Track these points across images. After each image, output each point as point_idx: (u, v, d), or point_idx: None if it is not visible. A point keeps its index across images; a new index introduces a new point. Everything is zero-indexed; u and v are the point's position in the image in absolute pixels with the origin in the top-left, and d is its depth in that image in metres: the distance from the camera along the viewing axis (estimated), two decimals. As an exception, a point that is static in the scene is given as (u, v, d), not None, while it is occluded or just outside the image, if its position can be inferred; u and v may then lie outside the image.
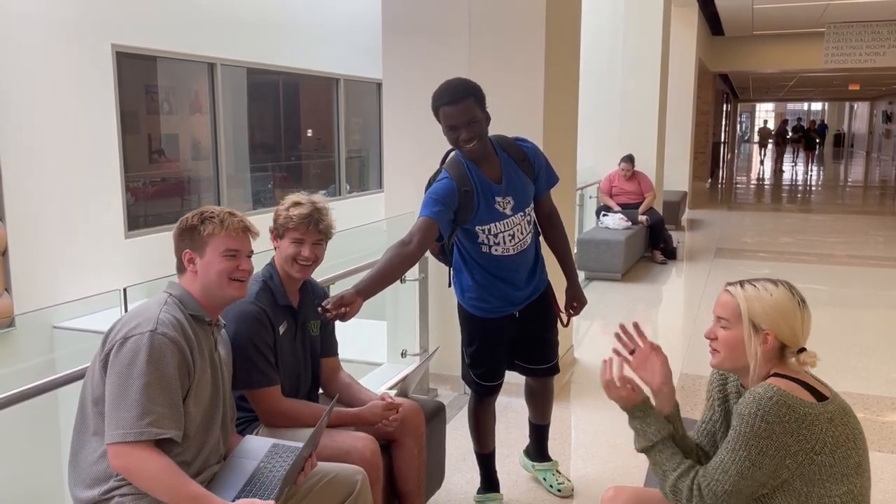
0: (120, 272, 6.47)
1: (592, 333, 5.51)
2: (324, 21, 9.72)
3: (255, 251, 2.03)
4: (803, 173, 18.78)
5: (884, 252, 8.82)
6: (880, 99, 30.43)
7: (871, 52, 13.23)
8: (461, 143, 2.49)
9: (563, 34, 4.16)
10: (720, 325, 1.74)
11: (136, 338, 1.75)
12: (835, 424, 1.61)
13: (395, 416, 2.35)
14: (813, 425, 1.59)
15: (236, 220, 1.93)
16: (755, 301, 1.69)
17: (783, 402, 1.58)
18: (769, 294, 1.69)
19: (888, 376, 4.47)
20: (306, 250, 2.24)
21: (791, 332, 1.69)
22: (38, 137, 5.97)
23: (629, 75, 8.96)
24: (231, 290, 1.92)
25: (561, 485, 3.06)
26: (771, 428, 1.57)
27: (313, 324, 2.42)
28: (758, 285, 1.71)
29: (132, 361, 1.73)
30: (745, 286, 1.73)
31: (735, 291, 1.73)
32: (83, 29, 6.35)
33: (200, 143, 8.14)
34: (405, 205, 4.07)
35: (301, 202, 2.25)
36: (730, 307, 1.72)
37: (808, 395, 1.63)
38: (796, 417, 1.58)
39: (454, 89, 2.48)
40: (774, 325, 1.68)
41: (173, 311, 1.85)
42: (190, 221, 1.93)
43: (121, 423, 1.71)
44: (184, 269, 1.94)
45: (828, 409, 1.62)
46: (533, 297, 2.80)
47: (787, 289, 1.72)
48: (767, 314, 1.68)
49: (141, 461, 1.71)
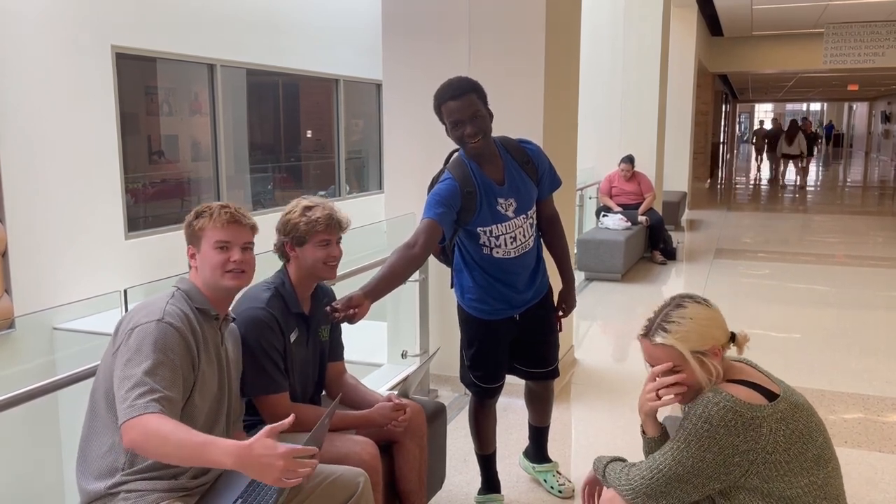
0: (120, 273, 6.47)
1: (592, 334, 5.51)
2: (323, 22, 9.73)
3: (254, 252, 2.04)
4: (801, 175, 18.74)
5: (883, 252, 8.82)
6: (879, 99, 30.44)
7: (870, 53, 13.23)
8: (466, 138, 2.48)
9: (564, 35, 4.16)
10: (669, 373, 1.74)
11: (143, 326, 1.78)
12: (785, 423, 1.64)
13: (403, 416, 2.35)
14: (762, 426, 1.61)
15: (225, 212, 1.95)
16: (687, 335, 1.72)
17: (730, 408, 1.62)
18: (688, 319, 1.72)
19: (888, 377, 4.47)
20: (336, 250, 2.26)
21: (722, 331, 1.76)
22: (38, 139, 5.97)
23: (629, 76, 8.96)
24: (227, 280, 1.94)
25: (562, 486, 3.06)
26: (714, 430, 1.61)
27: (323, 329, 2.42)
28: (673, 314, 1.74)
29: (139, 347, 1.76)
30: (666, 329, 1.73)
31: (658, 337, 1.74)
32: (83, 30, 6.35)
33: (200, 145, 8.13)
34: (405, 206, 4.07)
35: (312, 205, 2.24)
36: (667, 354, 1.74)
37: (759, 397, 1.66)
38: (744, 421, 1.61)
39: (456, 85, 2.48)
40: (713, 339, 1.73)
41: (180, 304, 1.88)
42: (189, 218, 1.99)
43: (127, 400, 1.70)
44: (190, 266, 2.00)
45: (778, 408, 1.65)
46: (534, 300, 2.78)
47: (688, 300, 1.76)
48: (702, 335, 1.72)
49: (152, 427, 1.65)
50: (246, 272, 1.97)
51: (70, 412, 3.42)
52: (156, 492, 1.79)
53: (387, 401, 2.39)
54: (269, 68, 8.99)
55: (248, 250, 1.98)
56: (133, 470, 1.80)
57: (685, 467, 1.65)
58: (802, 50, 14.80)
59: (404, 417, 2.36)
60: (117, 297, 3.07)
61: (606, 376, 4.53)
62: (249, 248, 1.98)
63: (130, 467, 1.80)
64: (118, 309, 3.06)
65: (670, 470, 1.67)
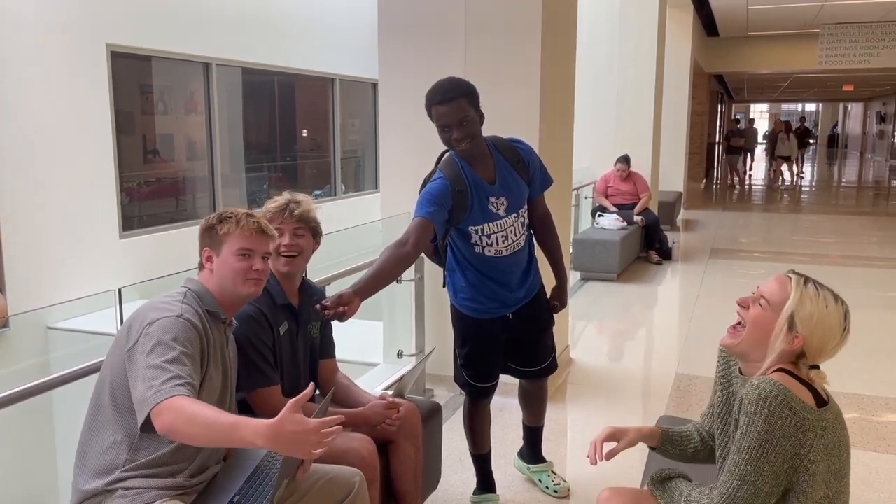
0: (114, 273, 6.45)
1: (588, 334, 5.52)
2: (319, 21, 9.72)
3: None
4: (796, 175, 18.80)
5: (878, 252, 8.85)
6: (874, 100, 30.53)
7: (866, 53, 13.28)
8: (453, 142, 2.49)
9: (560, 34, 4.16)
10: (759, 302, 1.68)
11: (162, 320, 1.79)
12: (827, 432, 1.59)
13: (397, 415, 2.35)
14: (808, 431, 1.56)
15: (252, 221, 1.98)
16: (810, 304, 1.63)
17: (786, 403, 1.55)
18: (825, 305, 1.63)
19: (884, 376, 4.49)
20: (286, 239, 2.27)
21: (820, 348, 1.65)
22: (33, 138, 5.95)
23: (625, 76, 8.97)
24: (246, 288, 1.96)
25: (557, 485, 3.06)
26: (771, 430, 1.55)
27: (314, 325, 2.42)
28: (821, 291, 1.65)
29: (161, 339, 1.75)
30: (808, 284, 1.66)
31: (795, 283, 1.66)
32: (78, 29, 6.33)
33: (196, 143, 8.12)
34: (401, 205, 4.07)
35: (277, 199, 2.31)
36: (780, 294, 1.66)
37: (811, 398, 1.61)
38: (796, 421, 1.55)
39: (445, 89, 2.48)
40: (810, 334, 1.63)
41: (192, 303, 1.90)
42: (210, 220, 2.00)
43: (153, 386, 1.68)
44: (202, 267, 2.00)
45: (825, 416, 1.59)
46: (526, 299, 2.78)
47: (843, 312, 1.66)
48: (812, 320, 1.63)
49: (183, 406, 1.64)
50: (262, 281, 2.00)
51: (64, 412, 3.41)
52: (153, 489, 1.79)
53: (380, 400, 2.39)
54: (265, 67, 8.98)
55: (267, 260, 2.02)
56: (132, 467, 1.79)
57: (753, 484, 1.58)
58: (798, 50, 14.83)
59: (398, 416, 2.36)
60: (112, 297, 3.07)
61: (602, 376, 4.53)
62: (268, 258, 2.02)
63: (130, 464, 1.79)
64: (113, 308, 3.05)
65: (749, 476, 1.58)
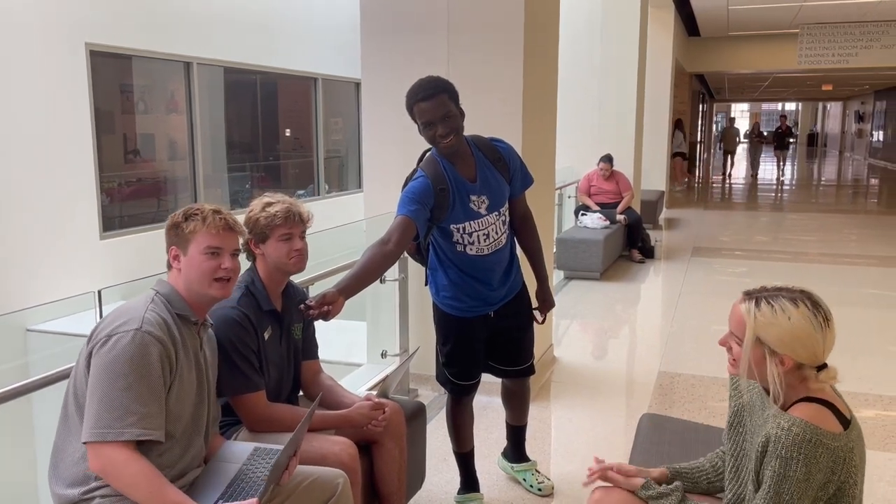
0: (95, 274, 6.39)
1: (572, 332, 5.54)
2: (302, 20, 9.68)
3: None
4: (777, 173, 19.01)
5: (856, 250, 8.95)
6: (853, 99, 30.92)
7: (844, 53, 13.44)
8: (438, 138, 2.48)
9: (542, 33, 4.17)
10: (734, 339, 1.65)
11: (120, 335, 1.72)
12: (854, 453, 1.56)
13: (382, 416, 2.35)
14: (841, 460, 1.53)
15: (219, 218, 1.90)
16: (769, 327, 1.57)
17: (820, 443, 1.51)
18: (786, 318, 1.56)
19: (862, 373, 4.54)
20: (298, 242, 2.25)
21: (810, 354, 1.58)
22: (11, 137, 5.88)
23: (607, 75, 9.01)
24: (213, 290, 1.89)
25: (541, 484, 3.07)
26: (809, 472, 1.51)
27: (296, 327, 2.41)
28: (774, 305, 1.57)
29: (116, 359, 1.70)
30: (760, 305, 1.59)
31: (746, 311, 1.60)
32: (57, 28, 6.26)
33: (177, 143, 8.05)
34: (385, 204, 4.05)
35: (272, 201, 2.25)
36: (742, 326, 1.61)
37: (835, 422, 1.57)
38: (829, 454, 1.52)
39: (427, 85, 2.48)
40: (790, 350, 1.57)
41: (160, 309, 1.83)
42: (176, 218, 1.92)
43: (101, 422, 1.67)
44: (170, 266, 1.93)
45: (851, 436, 1.56)
46: (508, 297, 2.79)
47: (809, 307, 1.57)
48: (782, 340, 1.56)
49: (120, 463, 1.67)
50: (232, 280, 1.94)
51: (44, 415, 3.36)
52: (129, 499, 1.75)
53: (365, 401, 2.38)
54: (247, 66, 8.92)
55: (236, 257, 1.95)
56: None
57: None
58: (778, 50, 14.99)
59: (384, 417, 2.35)
60: (92, 298, 3.03)
61: (586, 374, 4.55)
62: (237, 255, 1.96)
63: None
64: (93, 310, 3.02)
65: None
